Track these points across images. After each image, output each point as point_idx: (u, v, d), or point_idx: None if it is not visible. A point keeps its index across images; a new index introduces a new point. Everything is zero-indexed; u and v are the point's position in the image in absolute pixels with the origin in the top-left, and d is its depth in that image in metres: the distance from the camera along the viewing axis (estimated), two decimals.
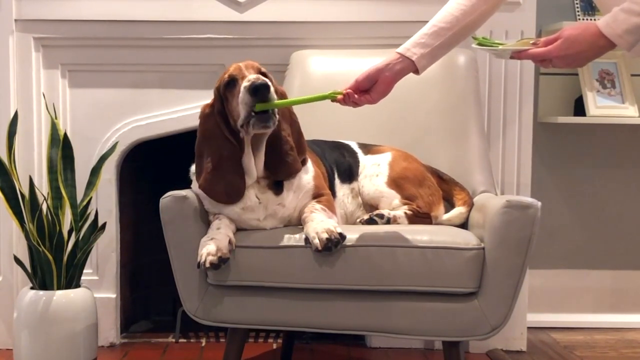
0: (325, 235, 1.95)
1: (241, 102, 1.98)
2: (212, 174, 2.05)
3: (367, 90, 2.00)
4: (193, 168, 2.16)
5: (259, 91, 1.95)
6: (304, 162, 2.16)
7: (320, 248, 1.95)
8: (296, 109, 2.52)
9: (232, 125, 2.06)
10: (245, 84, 1.97)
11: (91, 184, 2.65)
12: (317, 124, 2.53)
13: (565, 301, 3.24)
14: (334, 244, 1.95)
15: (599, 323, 3.20)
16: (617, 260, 3.26)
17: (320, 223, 1.99)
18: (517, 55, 1.88)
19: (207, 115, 2.10)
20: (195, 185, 2.14)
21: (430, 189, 2.29)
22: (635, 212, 3.27)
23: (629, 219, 3.28)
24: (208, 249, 1.98)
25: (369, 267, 1.98)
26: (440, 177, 2.39)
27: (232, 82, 2.04)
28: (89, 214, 2.64)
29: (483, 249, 1.99)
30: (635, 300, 3.26)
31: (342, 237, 1.97)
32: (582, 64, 1.85)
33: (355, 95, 1.99)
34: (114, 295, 2.91)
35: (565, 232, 3.25)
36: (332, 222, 2.03)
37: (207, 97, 2.86)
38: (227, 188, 2.05)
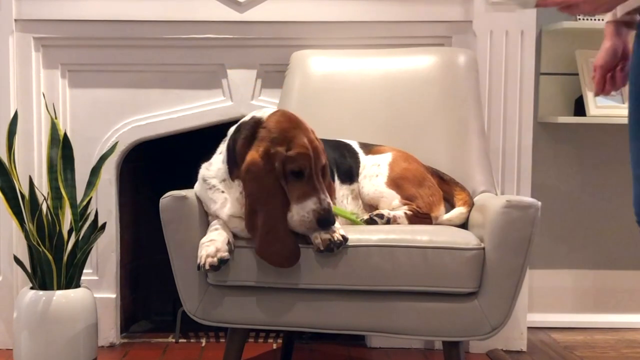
0: (327, 236, 1.95)
1: (306, 224, 1.95)
2: (267, 237, 1.95)
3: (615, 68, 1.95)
4: (203, 168, 2.13)
5: (327, 224, 1.95)
6: None
7: (322, 248, 1.95)
8: (297, 107, 2.53)
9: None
10: (314, 206, 1.93)
11: (91, 184, 2.65)
12: (318, 123, 2.52)
13: (565, 301, 3.24)
14: (336, 245, 1.95)
15: (599, 323, 3.20)
16: (617, 260, 3.26)
17: None
18: (543, 2, 1.79)
19: (264, 172, 1.95)
20: (198, 185, 2.14)
21: (430, 190, 2.29)
22: None
23: (629, 219, 3.26)
24: (207, 251, 1.98)
25: (369, 267, 1.98)
26: (440, 178, 2.39)
27: (300, 174, 1.96)
28: (89, 214, 2.64)
29: (483, 249, 1.99)
30: (635, 300, 3.26)
31: (344, 238, 1.96)
32: (610, 7, 1.78)
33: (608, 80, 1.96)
34: (114, 295, 2.91)
35: (565, 232, 3.26)
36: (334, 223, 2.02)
37: (207, 97, 2.89)
38: (283, 251, 1.96)
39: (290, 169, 1.96)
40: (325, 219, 1.94)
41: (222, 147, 2.12)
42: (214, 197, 2.09)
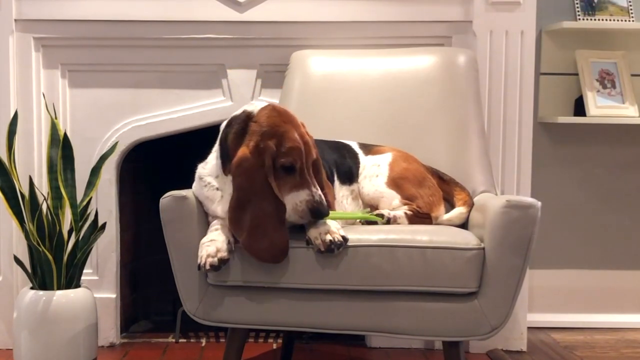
0: (328, 237, 1.95)
1: (299, 213, 1.96)
2: (255, 232, 1.95)
3: None
4: (199, 167, 2.15)
5: (320, 214, 1.96)
6: None
7: (323, 249, 1.95)
8: (297, 107, 2.53)
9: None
10: (306, 197, 1.95)
11: (91, 184, 2.65)
12: (318, 123, 2.53)
13: (565, 301, 3.24)
14: (336, 246, 1.95)
15: (599, 323, 3.20)
16: (617, 260, 3.26)
17: (323, 225, 1.99)
18: None
19: (255, 168, 1.95)
20: (195, 185, 2.14)
21: (430, 190, 2.29)
22: (635, 211, 3.27)
23: (629, 219, 3.28)
24: (208, 251, 1.98)
25: (369, 267, 1.98)
26: (440, 178, 2.39)
27: (291, 169, 1.97)
28: (89, 214, 2.64)
29: (483, 249, 1.99)
30: (635, 300, 3.26)
31: (344, 239, 1.96)
32: None
33: None
34: (114, 295, 2.91)
35: (565, 232, 3.25)
36: (335, 223, 2.02)
37: (207, 97, 2.89)
38: (271, 247, 1.96)
39: (281, 163, 1.96)
40: (318, 210, 1.95)
41: (217, 144, 2.12)
42: (209, 194, 2.09)
